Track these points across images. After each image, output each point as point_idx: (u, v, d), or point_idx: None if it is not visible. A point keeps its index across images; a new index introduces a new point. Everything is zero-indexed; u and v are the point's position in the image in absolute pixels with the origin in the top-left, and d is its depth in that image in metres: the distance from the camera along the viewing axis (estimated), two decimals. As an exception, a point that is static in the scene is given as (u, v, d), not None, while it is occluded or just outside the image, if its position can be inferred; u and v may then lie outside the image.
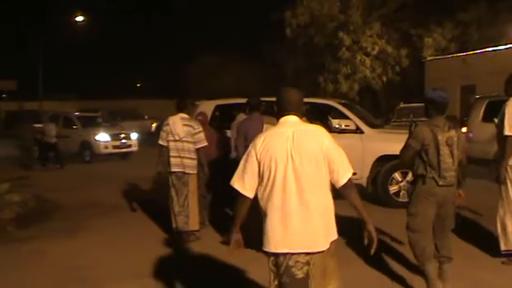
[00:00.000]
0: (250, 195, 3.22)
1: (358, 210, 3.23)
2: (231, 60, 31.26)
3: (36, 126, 17.95)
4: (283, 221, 3.12)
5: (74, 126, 18.24)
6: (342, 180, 3.17)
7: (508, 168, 5.43)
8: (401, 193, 8.63)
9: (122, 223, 8.05)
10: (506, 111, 5.38)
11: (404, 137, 9.03)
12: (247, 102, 7.02)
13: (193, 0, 40.44)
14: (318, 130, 3.28)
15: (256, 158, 3.20)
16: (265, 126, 6.21)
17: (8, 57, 35.21)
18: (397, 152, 8.40)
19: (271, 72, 28.82)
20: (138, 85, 51.58)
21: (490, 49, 21.09)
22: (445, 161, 4.55)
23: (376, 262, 5.56)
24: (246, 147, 5.44)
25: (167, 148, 6.82)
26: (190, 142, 6.78)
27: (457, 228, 6.88)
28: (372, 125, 9.18)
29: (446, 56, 23.11)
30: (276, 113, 3.37)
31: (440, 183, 4.58)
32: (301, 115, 3.35)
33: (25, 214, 8.52)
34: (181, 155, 6.76)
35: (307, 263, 3.12)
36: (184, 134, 6.75)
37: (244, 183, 3.22)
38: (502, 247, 5.54)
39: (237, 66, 31.45)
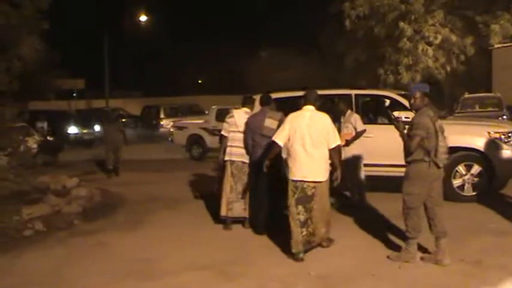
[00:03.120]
0: (281, 144, 5.97)
1: (335, 163, 5.88)
2: (291, 54, 31.12)
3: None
4: (301, 163, 5.75)
5: None
6: (332, 145, 5.83)
7: None
8: (465, 187, 8.31)
9: (183, 216, 8.24)
10: None
11: (468, 128, 8.79)
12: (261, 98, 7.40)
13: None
14: (324, 115, 5.96)
15: (289, 126, 5.88)
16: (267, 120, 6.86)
17: (76, 57, 36.68)
18: (461, 144, 8.24)
19: (331, 64, 28.46)
20: (200, 81, 52.44)
21: None
22: (441, 145, 5.33)
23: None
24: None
25: (228, 138, 7.16)
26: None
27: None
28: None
29: (515, 43, 21.96)
30: (303, 102, 6.03)
31: (440, 165, 5.36)
32: (315, 105, 5.96)
33: (91, 208, 8.87)
34: (244, 146, 7.04)
35: (314, 187, 5.78)
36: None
37: (280, 138, 5.94)
38: None
39: (297, 59, 31.27)
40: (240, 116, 7.19)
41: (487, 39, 22.42)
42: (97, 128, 22.54)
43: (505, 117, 15.82)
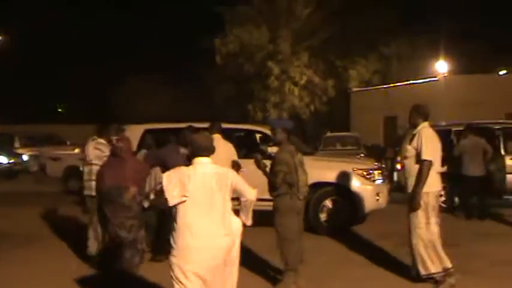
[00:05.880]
0: None
1: None
2: (160, 84, 30.77)
3: None
4: None
5: None
6: None
7: (424, 195, 5.58)
8: (331, 220, 8.60)
9: (39, 254, 7.44)
10: (423, 137, 5.59)
11: (336, 164, 9.20)
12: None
13: (122, 20, 39.17)
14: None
15: None
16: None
17: None
18: (330, 180, 8.57)
19: (202, 97, 28.67)
20: (59, 110, 49.43)
21: (409, 82, 22.17)
22: (302, 179, 5.56)
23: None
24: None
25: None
26: (98, 165, 6.64)
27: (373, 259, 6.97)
28: (303, 153, 9.17)
29: (369, 88, 24.03)
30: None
31: (301, 197, 5.59)
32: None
33: None
34: (90, 178, 6.73)
35: None
36: (93, 157, 6.78)
37: None
38: (422, 272, 5.65)
39: (166, 90, 30.99)
40: (88, 146, 6.91)
41: (346, 83, 24.31)
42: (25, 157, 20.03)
43: (362, 155, 17.02)
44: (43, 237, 8.55)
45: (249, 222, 4.08)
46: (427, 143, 5.57)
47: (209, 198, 3.73)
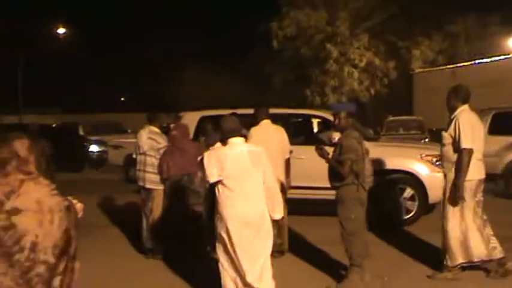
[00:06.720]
0: None
1: None
2: (217, 72, 30.79)
3: None
4: None
5: None
6: None
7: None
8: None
9: (106, 243, 7.39)
10: (461, 123, 5.17)
11: (403, 150, 8.62)
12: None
13: (179, 11, 39.58)
14: None
15: None
16: None
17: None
18: (396, 167, 8.04)
19: (259, 83, 28.41)
20: (122, 99, 50.87)
21: (479, 61, 20.87)
22: (367, 168, 5.21)
23: None
24: None
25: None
26: (152, 156, 6.54)
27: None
28: (367, 138, 8.64)
29: (435, 68, 22.88)
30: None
31: (367, 187, 5.21)
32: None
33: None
34: (144, 169, 6.56)
35: None
36: (147, 147, 6.57)
37: None
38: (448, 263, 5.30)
39: (223, 77, 30.98)
40: (141, 136, 6.70)
41: (409, 64, 23.24)
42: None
43: (427, 140, 16.17)
44: (101, 226, 8.54)
45: (276, 216, 4.26)
46: (466, 129, 5.12)
47: (244, 175, 4.07)
